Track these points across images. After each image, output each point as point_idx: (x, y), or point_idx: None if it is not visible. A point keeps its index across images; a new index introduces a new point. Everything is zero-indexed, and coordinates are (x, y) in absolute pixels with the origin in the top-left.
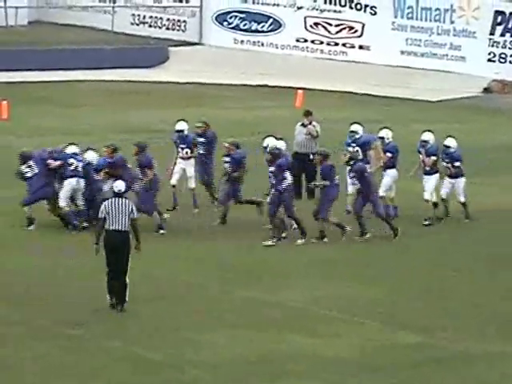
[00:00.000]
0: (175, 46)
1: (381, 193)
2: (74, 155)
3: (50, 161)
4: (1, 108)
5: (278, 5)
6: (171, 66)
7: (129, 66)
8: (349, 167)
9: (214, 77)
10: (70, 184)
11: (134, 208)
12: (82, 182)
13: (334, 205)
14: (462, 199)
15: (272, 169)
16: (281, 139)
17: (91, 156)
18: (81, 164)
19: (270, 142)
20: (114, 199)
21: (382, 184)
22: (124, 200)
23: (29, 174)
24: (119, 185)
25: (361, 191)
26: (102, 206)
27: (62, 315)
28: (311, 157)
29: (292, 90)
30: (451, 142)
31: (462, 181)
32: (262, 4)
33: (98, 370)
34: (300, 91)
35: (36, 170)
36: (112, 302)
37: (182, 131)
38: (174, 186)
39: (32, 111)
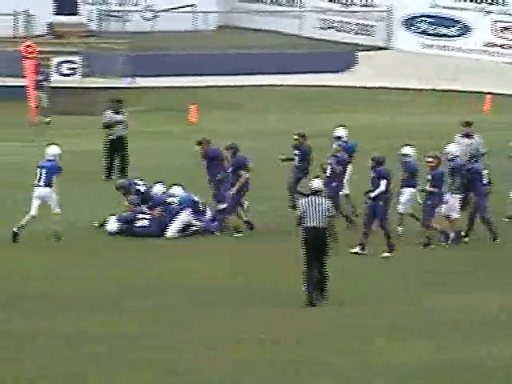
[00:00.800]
0: (363, 50)
1: None
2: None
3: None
4: (190, 112)
5: (466, 9)
6: (359, 71)
7: (317, 70)
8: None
9: (401, 81)
10: (182, 219)
11: (331, 206)
12: (191, 212)
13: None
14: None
15: (373, 175)
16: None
17: (157, 189)
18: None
19: (409, 151)
20: (311, 197)
21: None
22: (321, 198)
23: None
24: (316, 183)
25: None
26: (300, 204)
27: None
28: (428, 159)
29: (480, 95)
30: (409, 151)
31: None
32: (451, 8)
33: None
34: (488, 96)
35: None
36: (308, 291)
37: (340, 137)
38: (347, 196)
39: (219, 115)
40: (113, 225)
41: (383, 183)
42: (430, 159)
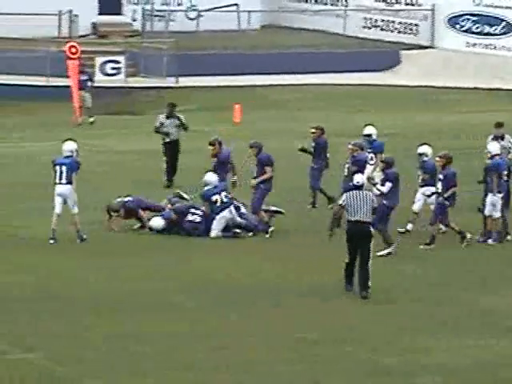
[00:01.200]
0: (407, 49)
1: None
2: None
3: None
4: (234, 112)
5: (510, 7)
6: (403, 70)
7: (361, 69)
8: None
9: (445, 80)
10: (224, 217)
11: (374, 198)
12: (234, 210)
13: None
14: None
15: (382, 177)
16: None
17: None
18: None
19: (426, 150)
20: (354, 191)
21: None
22: (364, 192)
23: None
24: (359, 178)
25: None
26: (344, 197)
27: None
28: (436, 159)
29: None
30: (426, 150)
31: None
32: (495, 7)
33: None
34: None
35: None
36: (349, 289)
37: (369, 136)
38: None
39: (263, 115)
40: (159, 221)
41: (388, 186)
42: (437, 158)
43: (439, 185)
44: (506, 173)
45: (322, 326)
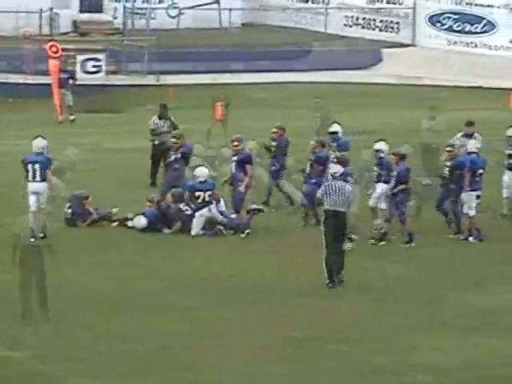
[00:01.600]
0: (388, 47)
1: None
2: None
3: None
4: (215, 109)
5: (491, 6)
6: (384, 68)
7: (342, 67)
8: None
9: (426, 78)
10: (202, 215)
11: (351, 189)
12: (214, 208)
13: None
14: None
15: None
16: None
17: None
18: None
19: (382, 146)
20: (332, 182)
21: None
22: (341, 182)
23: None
24: (336, 168)
25: None
26: (322, 188)
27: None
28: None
29: (506, 91)
30: (382, 146)
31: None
32: (476, 5)
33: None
34: None
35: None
36: (329, 282)
37: (335, 133)
38: None
39: (245, 112)
40: (141, 220)
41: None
42: (391, 156)
43: (392, 181)
44: (480, 171)
45: (323, 325)
